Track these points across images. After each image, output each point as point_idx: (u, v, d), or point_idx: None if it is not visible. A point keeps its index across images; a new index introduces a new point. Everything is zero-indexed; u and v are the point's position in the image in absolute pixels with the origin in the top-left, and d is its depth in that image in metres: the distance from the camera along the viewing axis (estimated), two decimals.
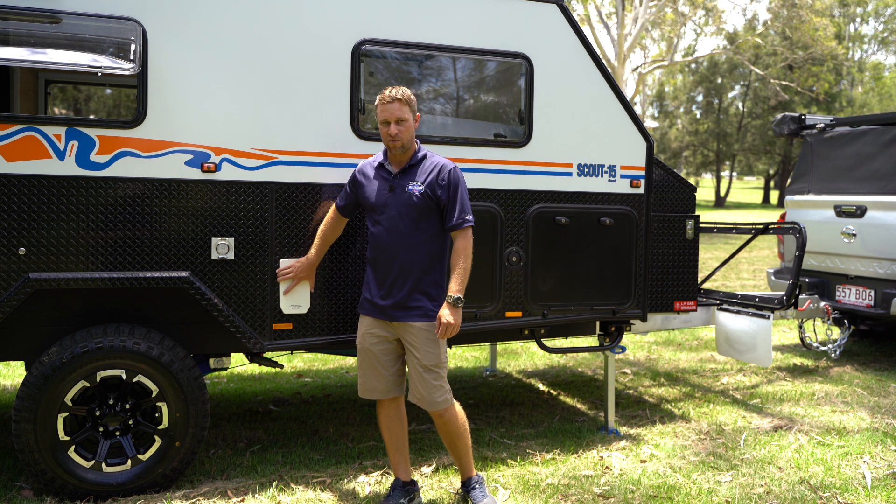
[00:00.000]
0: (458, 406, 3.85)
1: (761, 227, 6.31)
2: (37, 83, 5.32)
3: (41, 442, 3.74)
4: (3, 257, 3.69)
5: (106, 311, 4.00)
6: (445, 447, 3.94)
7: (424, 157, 3.80)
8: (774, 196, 47.21)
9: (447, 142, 4.46)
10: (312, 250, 4.06)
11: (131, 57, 3.79)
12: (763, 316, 5.61)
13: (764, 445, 4.90)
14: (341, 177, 4.19)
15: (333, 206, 4.03)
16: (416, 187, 3.70)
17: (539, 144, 4.59)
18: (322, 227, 4.06)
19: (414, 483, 3.95)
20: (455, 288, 3.65)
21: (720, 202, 43.72)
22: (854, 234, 7.12)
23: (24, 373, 3.88)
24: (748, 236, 6.42)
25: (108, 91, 23.53)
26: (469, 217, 3.74)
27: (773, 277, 7.99)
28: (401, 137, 3.69)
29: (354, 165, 4.21)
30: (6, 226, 3.69)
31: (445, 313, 3.64)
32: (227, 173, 4.00)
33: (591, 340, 6.32)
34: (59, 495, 3.82)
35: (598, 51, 4.46)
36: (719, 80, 43.45)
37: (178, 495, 3.92)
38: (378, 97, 3.75)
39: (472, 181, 4.44)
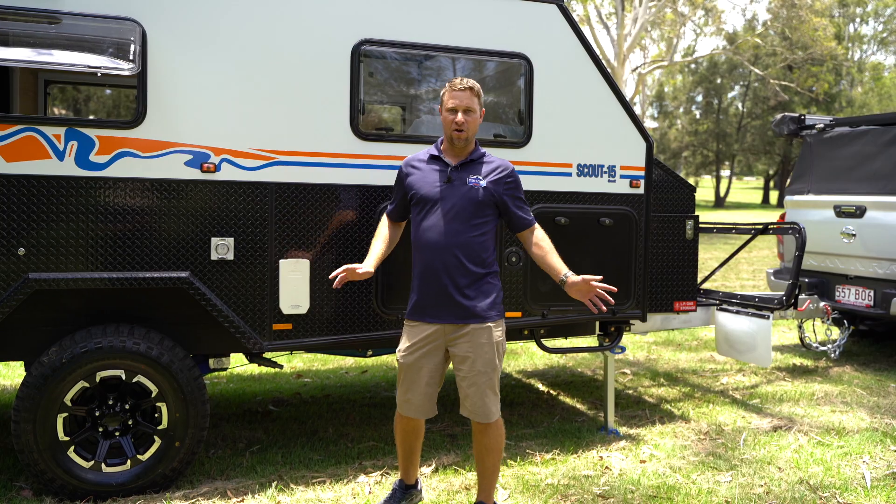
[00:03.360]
0: (502, 423, 3.65)
1: (761, 227, 6.31)
2: (36, 83, 5.32)
3: (41, 442, 3.74)
4: (2, 257, 3.69)
5: (105, 312, 4.00)
6: (475, 460, 3.69)
7: (484, 154, 3.67)
8: (774, 196, 47.22)
9: None
10: (368, 262, 3.66)
11: (131, 57, 3.79)
12: (763, 316, 5.61)
13: (763, 445, 4.90)
14: (341, 177, 4.19)
15: (384, 217, 3.81)
16: (480, 181, 3.54)
17: (539, 144, 4.59)
18: (376, 240, 3.75)
19: (416, 485, 3.89)
20: (563, 268, 3.63)
21: (720, 202, 43.72)
22: (854, 235, 7.12)
23: (24, 373, 3.88)
24: (748, 236, 6.41)
25: (108, 91, 23.52)
26: (532, 215, 3.76)
27: (772, 277, 7.99)
28: (467, 128, 3.54)
29: (354, 166, 4.23)
30: (6, 226, 3.69)
31: (577, 283, 3.54)
32: (227, 173, 4.00)
33: (591, 340, 6.32)
34: (59, 495, 3.82)
35: (597, 51, 4.46)
36: (719, 81, 43.46)
37: (178, 495, 3.92)
38: (447, 84, 3.58)
39: None
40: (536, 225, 3.72)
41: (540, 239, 3.68)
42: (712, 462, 4.59)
